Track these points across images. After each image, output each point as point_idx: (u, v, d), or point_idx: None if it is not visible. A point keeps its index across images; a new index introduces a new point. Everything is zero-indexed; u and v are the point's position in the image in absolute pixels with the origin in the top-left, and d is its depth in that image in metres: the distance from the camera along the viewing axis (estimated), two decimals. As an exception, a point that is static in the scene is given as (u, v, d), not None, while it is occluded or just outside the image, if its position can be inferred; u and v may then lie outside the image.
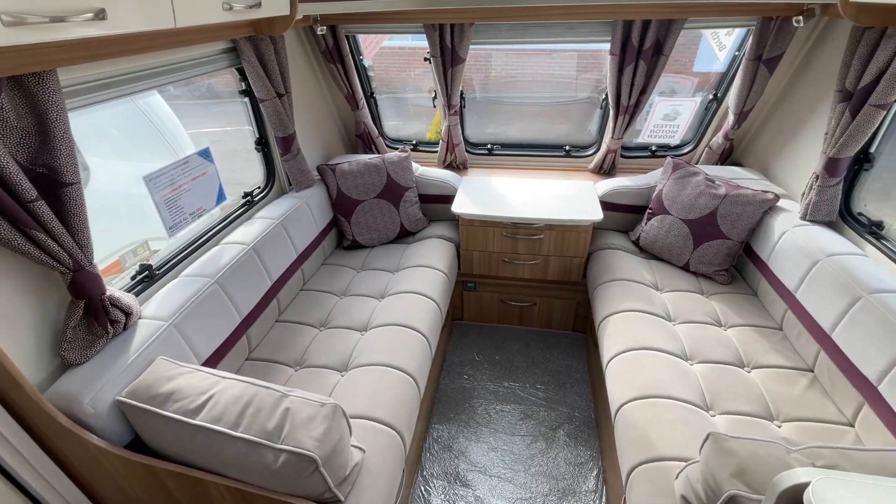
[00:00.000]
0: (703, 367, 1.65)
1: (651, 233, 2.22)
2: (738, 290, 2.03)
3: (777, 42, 1.98)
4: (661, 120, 2.54)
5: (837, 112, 1.67)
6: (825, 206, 1.78)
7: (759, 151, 2.40)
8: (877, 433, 1.33)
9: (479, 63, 2.84)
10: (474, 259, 2.44)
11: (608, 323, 1.89)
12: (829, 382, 1.54)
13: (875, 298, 1.42)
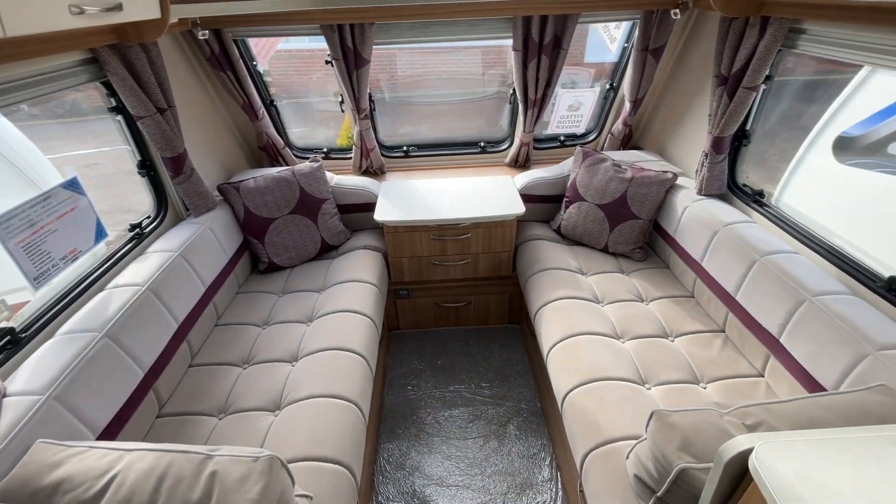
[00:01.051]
0: (634, 344, 1.74)
1: (570, 220, 2.31)
2: (652, 265, 2.18)
3: (660, 33, 2.14)
4: (566, 111, 2.65)
5: (717, 95, 1.84)
6: (716, 180, 1.97)
7: (655, 134, 2.60)
8: (783, 380, 1.49)
9: (384, 63, 2.76)
10: (404, 266, 2.37)
11: (543, 313, 1.93)
12: (739, 340, 1.70)
13: (767, 261, 1.58)
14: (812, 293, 1.41)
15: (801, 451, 0.81)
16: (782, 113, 2.17)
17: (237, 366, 1.72)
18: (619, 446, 1.34)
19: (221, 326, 1.92)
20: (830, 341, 1.32)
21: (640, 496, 1.20)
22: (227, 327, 1.91)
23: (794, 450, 0.82)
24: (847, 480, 0.77)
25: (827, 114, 2.41)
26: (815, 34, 1.52)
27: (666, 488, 1.09)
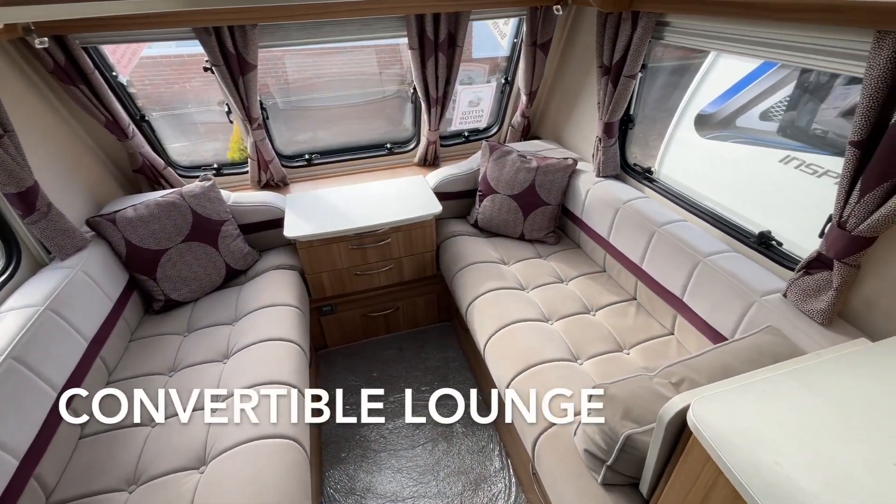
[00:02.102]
0: (562, 323, 1.83)
1: (486, 213, 2.36)
2: (566, 247, 2.32)
3: (545, 28, 2.26)
4: (467, 107, 2.70)
5: (602, 84, 2.00)
6: (610, 162, 2.14)
7: (551, 124, 2.76)
8: (690, 335, 1.67)
9: (272, 66, 2.56)
10: (324, 281, 2.23)
11: (474, 308, 1.95)
12: (649, 305, 1.87)
13: (664, 231, 1.76)
14: (703, 255, 1.60)
15: (726, 401, 0.90)
16: (656, 97, 2.43)
17: (145, 425, 1.48)
18: (564, 426, 1.40)
19: (116, 383, 1.64)
20: (724, 295, 1.50)
21: (592, 468, 1.26)
22: (125, 383, 1.64)
23: (720, 401, 0.90)
24: (766, 419, 0.86)
25: (686, 95, 2.76)
26: (677, 26, 1.71)
27: (615, 456, 1.16)
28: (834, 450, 0.80)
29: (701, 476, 0.90)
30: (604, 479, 1.22)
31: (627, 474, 1.19)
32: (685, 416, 0.91)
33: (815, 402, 0.89)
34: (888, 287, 1.21)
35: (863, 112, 1.09)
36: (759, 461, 0.79)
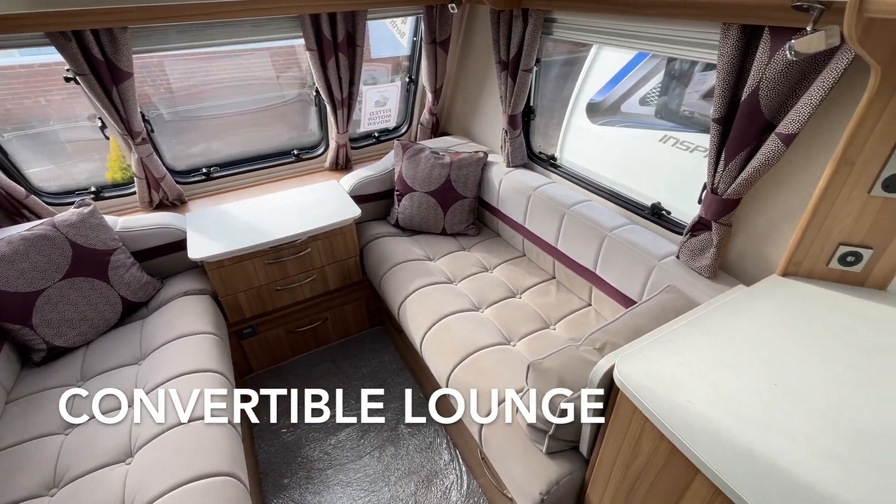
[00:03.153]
0: (492, 310, 1.90)
1: (406, 212, 2.36)
2: (486, 237, 2.40)
3: (443, 26, 2.32)
4: (374, 107, 2.67)
5: (502, 79, 2.10)
6: (518, 153, 2.26)
7: (459, 119, 2.83)
8: (605, 304, 1.83)
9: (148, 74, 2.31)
10: (241, 302, 2.08)
11: (406, 307, 1.94)
12: (567, 281, 2.02)
13: (572, 212, 1.90)
14: (608, 230, 1.76)
15: (642, 356, 1.01)
16: (551, 89, 2.60)
17: (40, 496, 1.27)
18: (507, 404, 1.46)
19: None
20: (629, 264, 1.67)
21: (536, 440, 1.33)
22: (6, 452, 1.38)
23: (638, 357, 1.00)
24: (675, 365, 0.98)
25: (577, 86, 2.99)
26: (562, 22, 1.85)
27: (555, 425, 1.23)
28: (729, 381, 0.93)
29: (630, 426, 1.00)
30: (548, 449, 1.29)
31: (568, 439, 1.27)
32: (611, 375, 1.00)
33: (711, 344, 1.03)
34: (753, 239, 1.43)
35: (719, 93, 1.28)
36: (675, 402, 0.89)
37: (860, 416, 0.86)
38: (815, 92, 1.09)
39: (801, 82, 1.14)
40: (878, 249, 1.13)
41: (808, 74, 1.12)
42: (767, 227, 1.38)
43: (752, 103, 1.20)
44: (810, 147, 1.23)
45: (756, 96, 1.19)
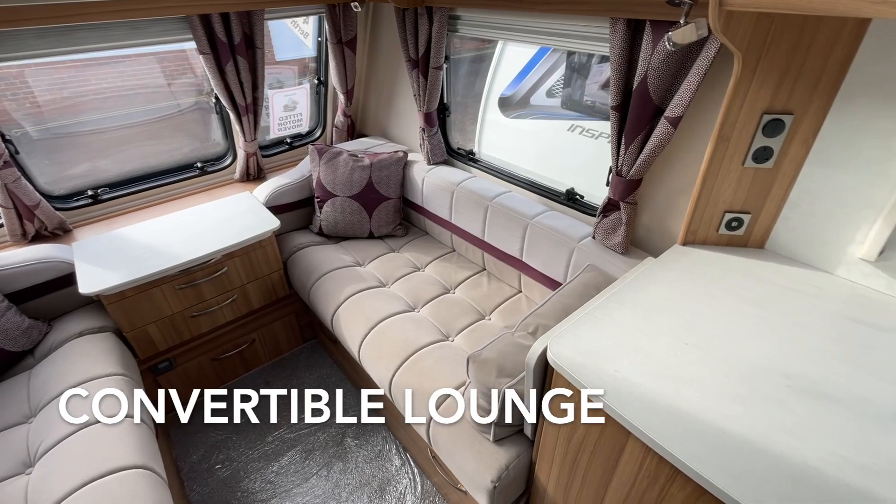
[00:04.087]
0: (428, 308, 1.90)
1: (329, 218, 2.28)
2: (415, 236, 2.39)
3: (348, 25, 2.26)
4: (283, 112, 2.54)
5: (414, 77, 2.09)
6: (437, 149, 2.27)
7: (374, 120, 2.78)
8: (534, 289, 1.91)
9: (3, 87, 1.98)
10: (152, 335, 1.88)
11: (339, 317, 1.88)
12: (497, 271, 2.07)
13: (495, 203, 1.95)
14: (529, 218, 1.83)
15: (571, 334, 1.06)
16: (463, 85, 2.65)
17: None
18: (451, 400, 1.46)
19: None
20: (551, 248, 1.75)
21: (483, 431, 1.35)
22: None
23: (568, 336, 1.06)
24: (601, 338, 1.04)
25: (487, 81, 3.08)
26: (466, 19, 1.89)
27: (499, 412, 1.26)
28: (648, 345, 1.01)
29: (567, 401, 1.05)
30: (495, 437, 1.32)
31: (513, 424, 1.31)
32: (546, 357, 1.04)
33: (629, 314, 1.11)
34: (656, 215, 1.57)
35: (614, 83, 1.38)
36: (604, 373, 0.95)
37: (753, 359, 0.97)
38: (693, 78, 1.22)
39: (682, 70, 1.26)
40: (755, 213, 1.29)
41: (686, 63, 1.25)
42: (667, 202, 1.52)
43: (642, 91, 1.31)
44: (694, 128, 1.37)
45: (645, 84, 1.30)
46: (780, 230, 1.29)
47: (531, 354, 1.07)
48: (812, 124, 1.13)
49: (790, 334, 1.04)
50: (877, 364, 0.96)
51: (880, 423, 0.84)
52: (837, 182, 1.15)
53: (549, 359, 1.02)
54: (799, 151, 1.17)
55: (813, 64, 1.06)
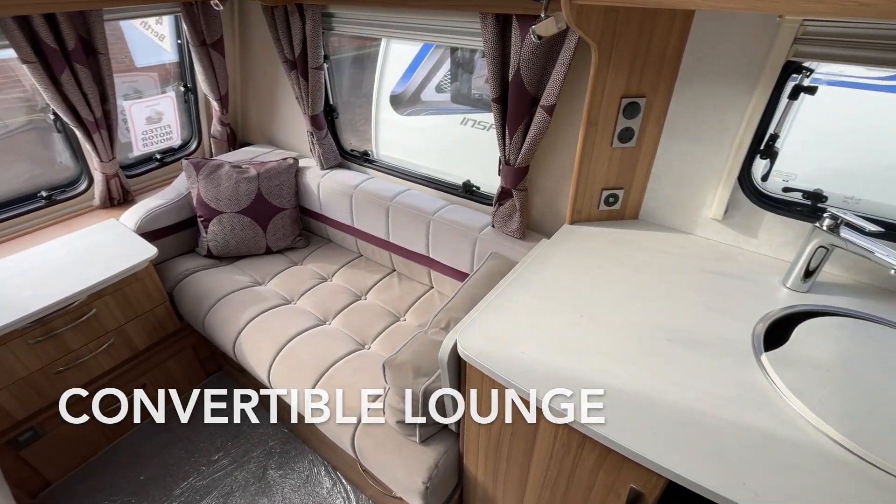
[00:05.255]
0: (340, 319, 1.83)
1: (217, 238, 2.08)
2: (318, 245, 2.28)
3: (211, 26, 2.06)
4: (146, 125, 2.25)
5: (294, 78, 1.98)
6: (330, 153, 2.18)
7: (257, 127, 2.59)
8: (445, 283, 1.93)
9: None
10: (3, 403, 1.56)
11: (241, 343, 1.73)
12: (407, 270, 2.06)
13: (395, 203, 1.93)
14: (431, 214, 1.84)
15: (479, 324, 1.08)
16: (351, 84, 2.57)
17: None
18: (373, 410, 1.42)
19: None
20: (455, 241, 1.78)
21: (408, 434, 1.33)
22: None
23: (475, 326, 1.07)
24: (506, 323, 1.08)
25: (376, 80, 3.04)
26: (342, 17, 1.82)
27: (421, 412, 1.25)
28: (548, 323, 1.07)
29: (483, 390, 1.07)
30: (421, 437, 1.31)
31: (437, 422, 1.30)
32: (457, 350, 1.05)
33: (529, 296, 1.16)
34: (546, 198, 1.66)
35: (491, 76, 1.42)
36: (512, 356, 0.98)
37: (638, 320, 1.08)
38: (560, 68, 1.30)
39: (550, 61, 1.34)
40: (627, 188, 1.43)
41: (553, 54, 1.33)
42: (554, 186, 1.62)
43: (517, 82, 1.37)
44: (568, 114, 1.46)
45: (519, 76, 1.36)
46: (648, 201, 1.45)
47: (443, 350, 1.07)
48: (661, 105, 1.28)
49: (665, 292, 1.17)
50: (732, 307, 1.11)
51: (739, 358, 0.97)
52: (687, 154, 1.31)
53: (459, 352, 1.03)
54: (654, 130, 1.32)
55: (655, 52, 1.19)
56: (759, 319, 1.07)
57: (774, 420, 0.84)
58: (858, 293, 1.15)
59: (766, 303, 1.13)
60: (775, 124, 1.20)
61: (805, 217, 1.21)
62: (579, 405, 0.88)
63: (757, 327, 1.05)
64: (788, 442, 0.81)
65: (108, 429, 1.93)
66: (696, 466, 0.77)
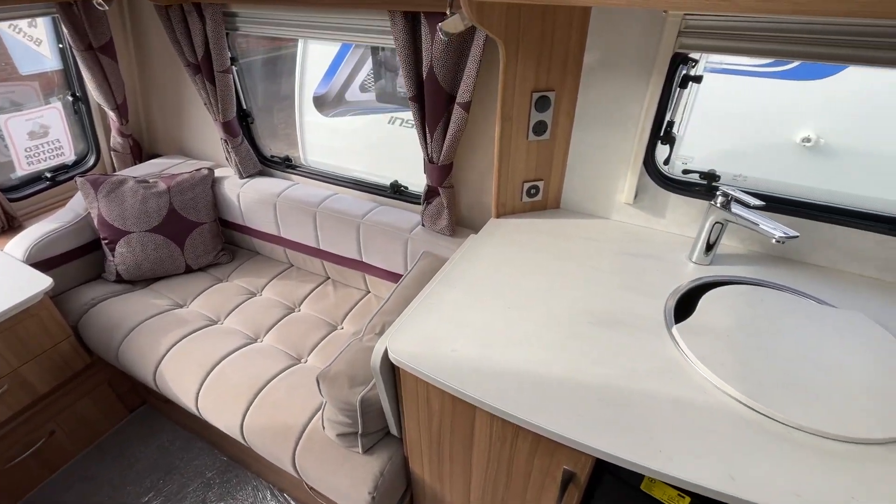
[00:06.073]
0: (273, 335, 1.74)
1: (127, 261, 1.90)
2: (244, 259, 2.16)
3: (96, 28, 1.86)
4: (29, 141, 2.01)
5: (199, 83, 1.84)
6: (248, 161, 2.06)
7: (166, 137, 2.39)
8: (381, 286, 1.89)
9: None
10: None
11: (162, 374, 1.60)
12: (341, 277, 2.00)
13: (322, 209, 1.86)
14: (360, 217, 1.80)
15: (409, 326, 1.07)
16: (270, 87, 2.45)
17: None
18: (312, 428, 1.37)
19: None
20: (387, 243, 1.75)
21: (350, 445, 1.30)
22: None
23: (405, 329, 1.06)
24: (436, 322, 1.07)
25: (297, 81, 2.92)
26: (247, 16, 1.72)
27: (361, 423, 1.22)
28: (478, 319, 1.08)
29: (418, 392, 1.06)
30: (364, 448, 1.28)
31: (378, 430, 1.28)
32: (388, 356, 1.03)
33: (458, 292, 1.16)
34: (473, 194, 1.68)
35: (406, 74, 1.41)
36: (442, 355, 0.98)
37: (564, 306, 1.12)
38: (472, 65, 1.31)
39: (462, 58, 1.35)
40: (546, 179, 1.48)
41: (464, 51, 1.33)
42: (479, 181, 1.64)
43: (432, 80, 1.37)
44: (486, 110, 1.48)
45: (433, 73, 1.36)
46: (567, 190, 1.50)
47: (374, 358, 1.05)
48: (570, 98, 1.33)
49: (586, 276, 1.22)
50: (647, 285, 1.19)
51: (654, 333, 1.04)
52: (597, 144, 1.38)
53: (390, 358, 1.01)
54: (566, 122, 1.37)
55: (559, 47, 1.23)
56: (669, 294, 1.15)
57: (686, 387, 0.91)
58: (752, 261, 1.28)
59: (676, 278, 1.21)
60: (671, 112, 1.29)
61: (703, 196, 1.31)
62: (509, 397, 0.89)
63: (668, 302, 1.13)
64: (698, 406, 0.87)
65: (12, 488, 1.71)
66: (617, 441, 0.81)
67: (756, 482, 0.74)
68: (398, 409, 1.19)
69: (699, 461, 0.77)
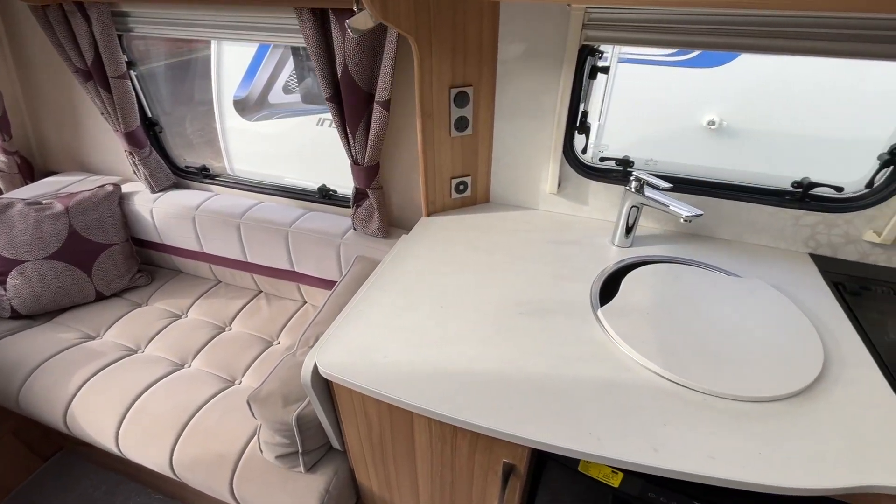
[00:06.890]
0: (201, 358, 1.62)
1: (23, 293, 1.69)
2: (165, 279, 2.00)
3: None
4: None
5: (92, 91, 1.67)
6: (160, 173, 1.90)
7: (61, 151, 2.16)
8: (316, 295, 1.82)
9: None
10: None
11: (73, 416, 1.44)
12: (275, 289, 1.90)
13: (247, 219, 1.76)
14: (287, 225, 1.71)
15: (338, 337, 1.03)
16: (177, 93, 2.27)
17: None
18: (249, 453, 1.29)
19: None
20: (318, 250, 1.69)
21: (292, 466, 1.24)
22: None
23: (334, 340, 1.02)
24: (367, 330, 1.04)
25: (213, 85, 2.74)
26: (141, 16, 1.57)
27: (300, 441, 1.17)
28: (410, 321, 1.06)
29: (354, 404, 1.03)
30: (306, 466, 1.22)
31: (320, 446, 1.23)
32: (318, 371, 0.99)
33: (389, 296, 1.14)
34: (402, 194, 1.65)
35: (320, 74, 1.35)
36: (374, 363, 0.95)
37: (496, 299, 1.12)
38: (387, 62, 1.28)
39: (376, 55, 1.31)
40: (474, 174, 1.48)
41: (378, 48, 1.30)
42: (406, 180, 1.62)
43: (348, 79, 1.32)
44: (406, 108, 1.46)
45: (348, 72, 1.31)
46: (494, 183, 1.52)
47: (304, 373, 1.00)
48: (488, 92, 1.34)
49: (516, 268, 1.24)
50: (574, 271, 1.22)
51: (582, 318, 1.07)
52: (518, 136, 1.40)
53: (321, 372, 0.97)
54: (486, 116, 1.38)
55: (472, 42, 1.23)
56: (594, 279, 1.19)
57: (613, 368, 0.94)
58: (668, 240, 1.35)
59: (600, 262, 1.26)
60: (584, 102, 1.33)
61: (620, 181, 1.37)
62: (443, 398, 0.88)
63: (593, 286, 1.17)
64: (624, 385, 0.91)
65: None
66: (550, 429, 0.82)
67: (676, 451, 0.78)
68: (337, 422, 1.15)
69: (626, 440, 0.80)
